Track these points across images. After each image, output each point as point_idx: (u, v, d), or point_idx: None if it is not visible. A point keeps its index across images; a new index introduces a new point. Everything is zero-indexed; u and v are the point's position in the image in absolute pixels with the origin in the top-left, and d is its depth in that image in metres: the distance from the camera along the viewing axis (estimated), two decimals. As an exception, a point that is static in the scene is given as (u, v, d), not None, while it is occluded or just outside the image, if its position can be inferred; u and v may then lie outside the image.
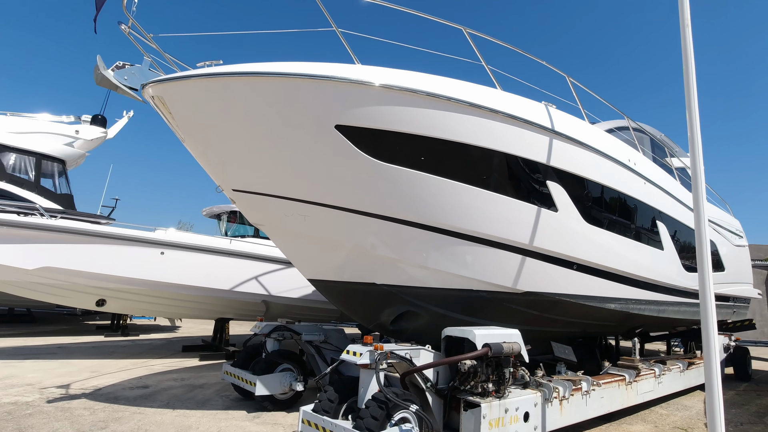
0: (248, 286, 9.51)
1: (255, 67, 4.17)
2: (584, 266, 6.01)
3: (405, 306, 5.60)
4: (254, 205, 5.06)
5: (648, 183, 7.11)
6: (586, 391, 5.62)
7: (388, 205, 4.90)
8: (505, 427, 4.47)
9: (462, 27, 4.86)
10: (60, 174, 14.30)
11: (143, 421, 5.08)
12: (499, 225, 5.23)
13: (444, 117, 4.75)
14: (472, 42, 4.92)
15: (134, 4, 4.30)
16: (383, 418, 3.84)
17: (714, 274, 9.95)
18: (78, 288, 8.27)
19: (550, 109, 5.54)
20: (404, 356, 4.40)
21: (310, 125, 4.29)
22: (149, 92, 4.39)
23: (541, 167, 5.36)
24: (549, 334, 7.26)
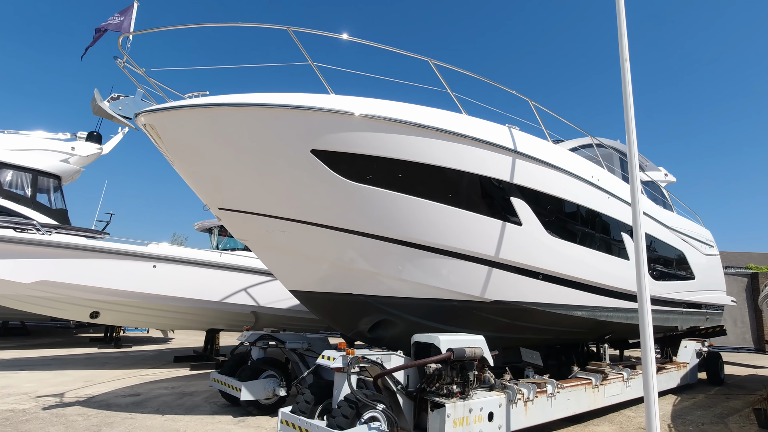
0: (238, 297, 9.86)
1: (237, 98, 4.62)
2: (550, 276, 6.44)
3: (381, 315, 5.99)
4: (238, 222, 5.47)
5: (612, 197, 7.58)
6: (551, 393, 6.00)
7: (363, 222, 5.32)
8: (470, 425, 4.84)
9: (428, 59, 5.35)
10: (55, 189, 14.65)
11: (134, 425, 5.41)
12: (466, 239, 5.66)
13: (414, 141, 5.20)
14: (437, 71, 5.41)
15: (129, 41, 4.75)
16: (353, 416, 4.21)
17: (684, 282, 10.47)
18: (73, 301, 8.60)
19: (513, 131, 6.01)
20: (375, 360, 4.78)
21: (288, 150, 4.73)
22: (141, 120, 4.81)
23: (505, 185, 5.81)
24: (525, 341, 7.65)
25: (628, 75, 4.68)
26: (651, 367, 4.20)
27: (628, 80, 4.69)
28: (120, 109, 4.78)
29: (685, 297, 10.14)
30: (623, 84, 4.72)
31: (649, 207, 8.83)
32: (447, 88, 5.50)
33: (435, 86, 5.48)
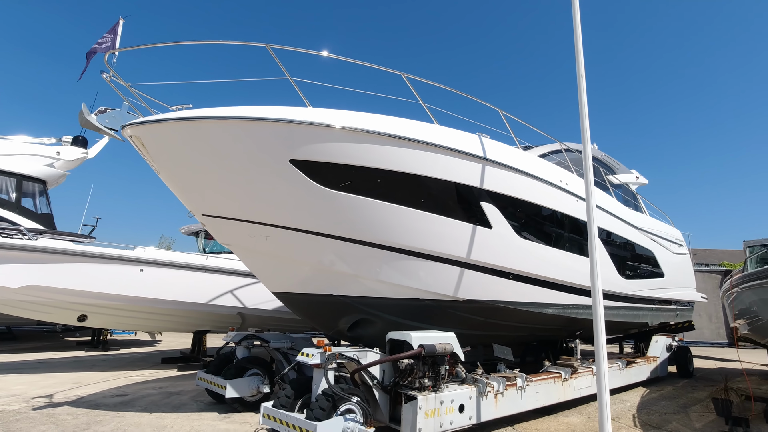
0: (224, 299, 10.10)
1: (219, 111, 4.90)
2: (520, 276, 6.81)
3: (360, 314, 6.31)
4: (221, 228, 5.74)
5: (581, 200, 7.98)
6: (521, 386, 6.36)
7: (342, 227, 5.63)
8: (441, 416, 5.17)
9: (401, 72, 5.68)
10: (41, 194, 14.68)
11: (123, 423, 5.65)
12: (439, 242, 6.00)
13: (389, 151, 5.53)
14: (410, 85, 5.74)
15: (115, 56, 5.00)
16: (330, 408, 4.51)
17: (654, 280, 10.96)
18: (60, 305, 8.77)
19: (483, 139, 6.38)
20: (352, 357, 5.09)
21: (267, 160, 5.02)
22: (128, 132, 5.06)
23: (476, 190, 6.17)
24: (501, 338, 8.02)
25: (584, 90, 5.05)
26: (603, 362, 4.55)
27: (584, 95, 5.06)
28: (107, 121, 5.04)
29: (655, 294, 10.63)
30: (579, 98, 5.09)
31: (617, 209, 9.26)
32: (419, 99, 5.83)
33: (408, 98, 5.81)
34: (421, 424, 4.90)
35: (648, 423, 6.81)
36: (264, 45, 4.93)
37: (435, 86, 6.26)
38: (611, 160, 11.09)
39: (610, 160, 11.02)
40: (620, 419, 7.08)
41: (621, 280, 9.06)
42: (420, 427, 4.88)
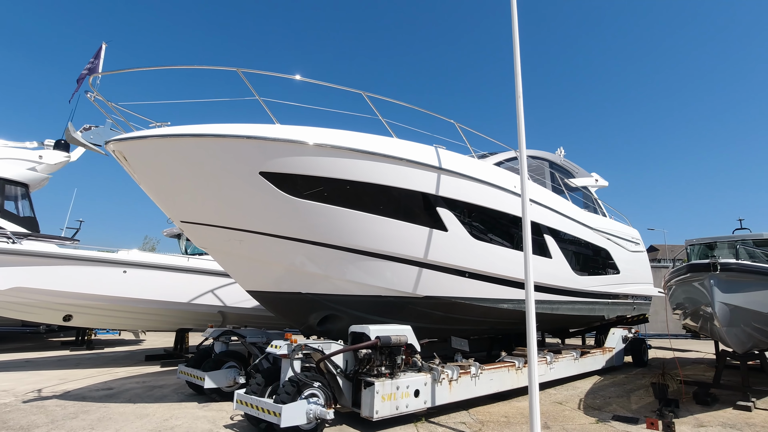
0: (205, 298, 10.60)
1: (193, 129, 5.45)
2: (475, 274, 7.48)
3: (327, 311, 6.91)
4: (199, 233, 6.29)
5: (534, 203, 8.68)
6: (475, 374, 7.03)
7: (310, 232, 6.21)
8: (397, 400, 5.80)
9: (362, 92, 6.28)
10: (23, 197, 14.91)
11: (108, 412, 6.16)
12: (399, 244, 6.63)
13: (354, 164, 6.13)
14: (370, 102, 6.35)
15: (98, 78, 5.50)
16: (294, 393, 5.11)
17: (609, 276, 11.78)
18: (46, 305, 9.18)
19: (440, 150, 7.02)
20: (316, 348, 5.69)
21: (239, 172, 5.59)
22: (111, 147, 5.57)
23: (431, 197, 6.81)
24: (463, 332, 8.71)
25: (521, 109, 5.72)
26: (533, 352, 5.20)
27: (521, 113, 5.73)
28: (91, 137, 5.51)
29: (610, 289, 11.43)
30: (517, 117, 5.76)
31: (572, 210, 10.00)
32: (379, 115, 6.44)
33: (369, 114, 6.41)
34: (378, 407, 5.53)
35: (591, 406, 7.54)
36: (235, 69, 5.48)
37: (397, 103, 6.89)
38: (571, 164, 11.85)
39: (570, 165, 11.79)
40: (567, 403, 7.79)
41: (575, 277, 9.80)
42: (377, 409, 5.50)
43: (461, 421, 6.35)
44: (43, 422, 5.63)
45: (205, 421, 5.88)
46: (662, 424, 6.08)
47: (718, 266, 5.84)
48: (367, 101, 6.31)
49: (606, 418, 6.68)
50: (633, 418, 6.59)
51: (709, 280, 5.99)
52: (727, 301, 5.98)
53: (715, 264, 5.85)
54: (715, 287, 5.93)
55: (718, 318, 6.05)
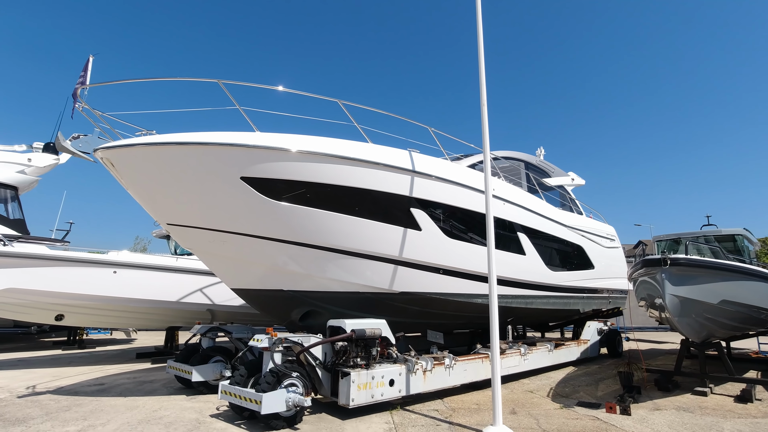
0: (194, 297, 10.94)
1: (177, 137, 5.80)
2: (449, 270, 7.91)
3: (309, 306, 7.30)
4: (184, 235, 6.64)
5: (507, 203, 9.13)
6: (449, 365, 7.45)
7: (287, 232, 6.59)
8: (372, 389, 6.20)
9: (338, 100, 6.67)
10: (12, 199, 15.10)
11: (100, 405, 6.51)
12: (375, 243, 7.03)
13: (333, 169, 6.51)
14: (346, 110, 6.73)
15: (86, 89, 5.83)
16: (274, 383, 5.49)
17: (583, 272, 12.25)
18: (38, 305, 9.47)
19: (413, 154, 7.42)
20: (296, 341, 6.08)
21: (221, 178, 5.95)
22: (99, 155, 5.91)
23: (405, 199, 7.21)
24: (441, 326, 9.11)
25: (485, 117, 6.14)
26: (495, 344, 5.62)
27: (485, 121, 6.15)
28: (80, 146, 5.84)
29: (585, 284, 11.93)
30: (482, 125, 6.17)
31: (546, 209, 10.45)
32: (354, 122, 6.82)
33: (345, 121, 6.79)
34: (354, 395, 5.93)
35: (559, 393, 8.01)
36: (216, 81, 5.83)
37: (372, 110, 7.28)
38: (547, 165, 12.33)
39: (546, 165, 12.26)
40: (538, 391, 8.25)
41: (549, 272, 10.27)
42: (353, 398, 5.90)
43: (435, 408, 6.77)
44: (38, 414, 5.97)
45: (192, 412, 6.25)
46: (619, 408, 6.57)
47: (668, 261, 6.31)
48: (343, 109, 6.69)
49: (571, 404, 7.15)
50: (595, 404, 7.06)
51: (660, 274, 6.46)
52: (676, 293, 6.46)
53: (666, 259, 6.32)
54: (666, 281, 6.40)
55: (669, 309, 6.53)
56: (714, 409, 6.83)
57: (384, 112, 7.25)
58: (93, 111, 5.91)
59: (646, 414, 6.53)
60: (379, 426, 5.74)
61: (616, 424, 5.94)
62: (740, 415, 6.48)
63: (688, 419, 6.26)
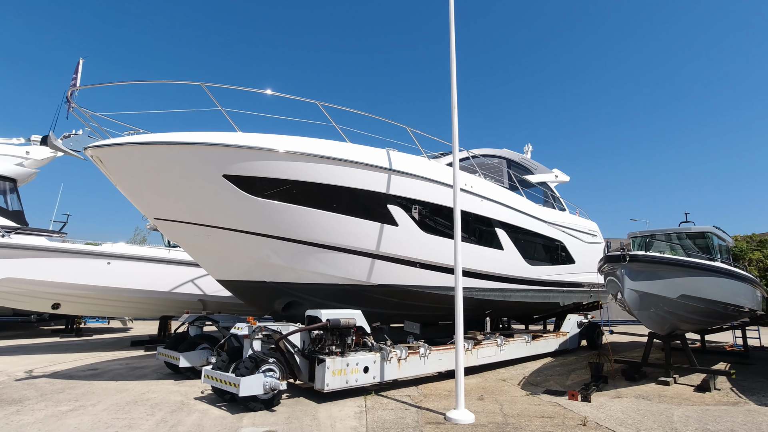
0: (186, 287, 11.35)
1: (165, 137, 6.14)
2: (426, 264, 8.28)
3: (290, 297, 7.69)
4: (171, 228, 7.01)
5: (485, 200, 9.48)
6: (423, 354, 7.84)
7: (268, 227, 6.96)
8: (347, 375, 6.60)
9: (317, 101, 6.99)
10: (11, 191, 15.48)
11: (92, 388, 6.93)
12: (353, 238, 7.40)
13: (307, 166, 6.86)
14: (325, 111, 7.06)
15: (77, 90, 6.17)
16: (253, 368, 5.89)
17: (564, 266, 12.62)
18: (36, 294, 9.88)
19: (391, 153, 7.77)
20: (275, 329, 6.47)
21: (204, 175, 6.30)
22: (89, 153, 6.26)
23: (383, 196, 7.57)
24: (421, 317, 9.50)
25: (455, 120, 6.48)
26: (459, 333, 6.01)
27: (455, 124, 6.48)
28: (71, 144, 6.19)
29: (565, 278, 12.32)
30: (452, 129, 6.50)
31: (525, 205, 10.80)
32: (333, 122, 7.16)
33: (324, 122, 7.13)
34: (329, 381, 6.33)
35: (530, 382, 8.43)
36: (199, 83, 6.16)
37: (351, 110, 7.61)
38: (530, 162, 12.65)
39: (529, 162, 12.59)
40: (510, 380, 8.66)
41: (527, 266, 10.65)
42: (328, 383, 6.30)
43: (408, 394, 7.18)
44: (33, 396, 6.39)
45: (178, 395, 6.66)
46: (581, 396, 6.97)
47: (627, 257, 6.67)
48: (322, 110, 7.02)
49: (538, 392, 7.56)
50: (560, 392, 7.47)
51: (620, 270, 6.83)
52: (635, 288, 6.83)
53: (625, 255, 6.68)
54: (626, 276, 6.77)
55: (628, 303, 6.90)
56: (672, 398, 7.24)
57: (362, 113, 7.58)
58: (83, 111, 6.25)
59: (606, 401, 6.94)
60: (351, 409, 6.15)
61: (574, 410, 6.34)
62: (694, 403, 6.89)
63: (643, 406, 6.66)
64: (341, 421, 5.55)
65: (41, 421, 5.22)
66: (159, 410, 5.78)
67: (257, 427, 5.19)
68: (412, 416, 5.84)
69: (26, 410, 5.66)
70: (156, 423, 5.23)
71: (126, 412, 5.68)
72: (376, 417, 5.76)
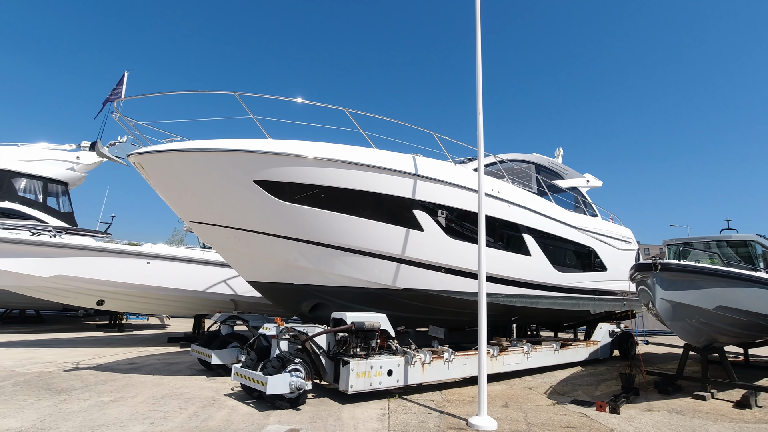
0: (219, 287, 11.81)
1: (200, 144, 6.48)
2: (451, 269, 8.30)
3: (317, 299, 7.89)
4: (205, 231, 7.36)
5: (513, 205, 9.39)
6: (448, 359, 7.86)
7: (297, 231, 7.18)
8: (371, 378, 6.72)
9: (344, 108, 7.18)
10: (63, 194, 16.60)
11: (131, 381, 7.35)
12: (379, 242, 7.52)
13: (335, 172, 7.05)
14: (352, 117, 7.23)
15: (121, 102, 6.60)
16: (279, 367, 6.09)
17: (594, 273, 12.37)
18: (83, 291, 10.56)
19: (417, 159, 7.85)
20: (301, 330, 6.67)
21: (236, 180, 6.60)
22: (132, 159, 6.68)
23: (409, 201, 7.65)
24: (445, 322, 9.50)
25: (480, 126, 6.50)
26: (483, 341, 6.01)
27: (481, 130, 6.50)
28: (116, 152, 6.64)
29: (596, 286, 12.00)
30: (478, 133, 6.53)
31: (555, 211, 10.61)
32: (360, 129, 7.32)
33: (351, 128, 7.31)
34: (353, 382, 6.46)
35: (557, 391, 8.28)
36: (233, 93, 6.47)
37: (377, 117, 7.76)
38: (560, 166, 12.41)
39: (559, 167, 12.35)
40: (537, 388, 8.54)
41: (556, 273, 10.46)
42: (352, 384, 6.44)
43: (431, 398, 7.23)
44: (79, 386, 6.85)
45: (209, 390, 6.97)
46: (609, 407, 6.81)
47: (659, 266, 6.47)
48: (349, 116, 7.20)
49: (564, 401, 7.42)
50: (588, 402, 7.31)
51: (651, 279, 6.62)
52: (668, 297, 6.60)
53: (657, 264, 6.48)
54: (657, 285, 6.56)
55: (660, 313, 6.68)
56: (707, 413, 6.94)
57: (388, 119, 7.71)
58: (127, 120, 6.68)
59: (636, 414, 6.74)
60: (374, 411, 6.26)
61: (601, 422, 6.20)
62: (732, 420, 6.59)
63: (675, 420, 6.44)
64: (364, 422, 5.67)
65: (85, 410, 5.61)
66: (191, 404, 6.08)
67: (282, 425, 5.37)
68: (434, 420, 5.88)
69: (72, 399, 6.09)
70: (188, 417, 5.51)
71: (161, 405, 6.01)
72: (398, 420, 5.84)
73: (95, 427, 4.93)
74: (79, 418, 5.23)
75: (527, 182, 11.09)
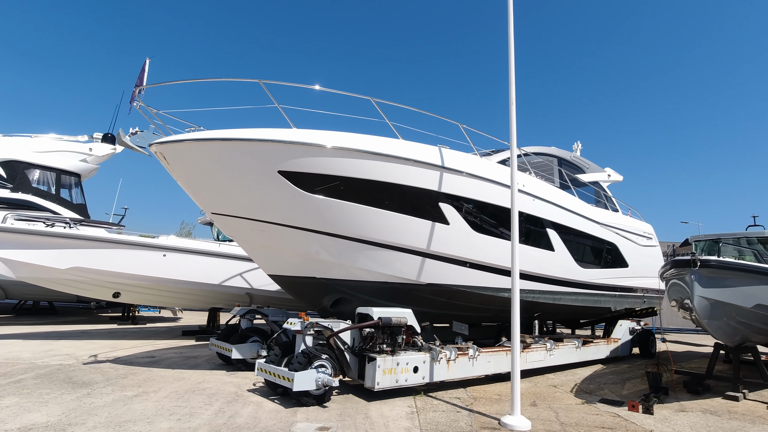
0: (235, 281, 11.68)
1: (222, 133, 6.29)
2: (476, 264, 8.10)
3: (339, 294, 7.73)
4: (226, 223, 7.20)
5: (537, 199, 9.16)
6: (473, 356, 7.68)
7: (323, 224, 7.00)
8: (397, 374, 6.55)
9: (370, 98, 6.96)
10: (76, 186, 16.54)
11: (152, 375, 7.24)
12: (403, 235, 7.33)
13: (366, 164, 6.85)
14: (378, 107, 7.01)
15: (143, 90, 6.42)
16: (305, 363, 5.94)
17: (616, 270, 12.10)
18: (99, 283, 10.47)
19: (443, 150, 7.63)
20: (326, 326, 6.51)
21: (260, 171, 6.41)
22: (153, 149, 6.51)
23: (434, 193, 7.44)
24: (467, 318, 9.33)
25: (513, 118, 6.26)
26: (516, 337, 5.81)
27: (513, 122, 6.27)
28: (138, 141, 6.47)
29: (618, 282, 11.76)
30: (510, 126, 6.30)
31: (577, 205, 10.36)
32: (386, 119, 7.10)
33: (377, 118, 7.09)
34: (380, 379, 6.30)
35: (583, 390, 8.08)
36: (258, 81, 6.27)
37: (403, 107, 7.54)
38: (582, 160, 12.13)
39: (581, 161, 12.07)
40: (562, 387, 8.35)
41: (579, 269, 10.23)
42: (378, 381, 6.27)
43: (457, 396, 7.05)
44: (101, 380, 6.75)
45: (231, 386, 6.84)
46: (642, 407, 6.60)
47: (698, 262, 6.23)
48: (375, 106, 6.98)
49: (593, 400, 7.23)
50: (618, 401, 7.11)
51: (690, 276, 6.39)
52: (706, 295, 6.37)
53: (695, 260, 6.24)
54: (695, 282, 6.33)
55: (698, 311, 6.45)
56: (743, 415, 6.73)
57: (415, 109, 7.48)
58: (148, 108, 6.51)
59: (670, 414, 6.54)
60: (402, 409, 6.09)
61: (637, 422, 6.00)
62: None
63: (713, 422, 6.23)
64: (394, 421, 5.51)
65: (110, 405, 5.48)
66: (216, 400, 5.95)
67: (311, 423, 5.22)
68: (465, 419, 5.71)
69: (96, 393, 5.97)
70: (215, 413, 5.38)
71: (185, 400, 5.88)
72: (428, 418, 5.67)
73: (122, 423, 4.81)
74: (104, 413, 5.11)
75: (549, 176, 10.84)
